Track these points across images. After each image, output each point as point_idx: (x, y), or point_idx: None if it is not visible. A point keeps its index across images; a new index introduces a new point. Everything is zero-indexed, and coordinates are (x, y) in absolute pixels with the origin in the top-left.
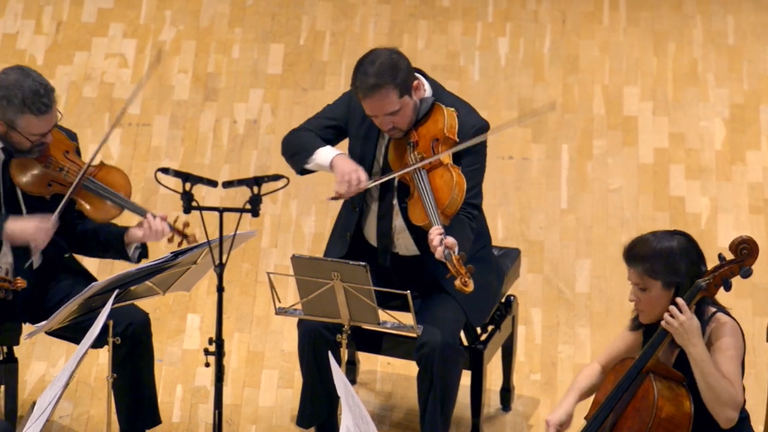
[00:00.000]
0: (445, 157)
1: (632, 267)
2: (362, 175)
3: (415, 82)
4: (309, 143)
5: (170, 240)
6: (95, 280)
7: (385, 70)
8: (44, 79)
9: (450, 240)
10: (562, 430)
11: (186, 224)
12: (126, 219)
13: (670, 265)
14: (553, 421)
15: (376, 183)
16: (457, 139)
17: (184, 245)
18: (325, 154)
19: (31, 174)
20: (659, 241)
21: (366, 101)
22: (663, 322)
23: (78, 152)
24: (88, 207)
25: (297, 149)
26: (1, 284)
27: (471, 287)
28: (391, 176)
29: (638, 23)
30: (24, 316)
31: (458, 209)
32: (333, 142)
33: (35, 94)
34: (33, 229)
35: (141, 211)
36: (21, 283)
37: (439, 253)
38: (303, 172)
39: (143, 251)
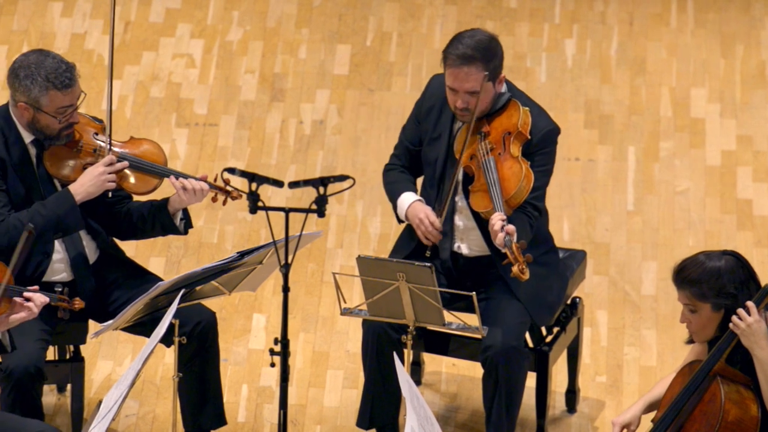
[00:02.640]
0: (515, 149)
1: (681, 290)
2: (432, 217)
3: (501, 75)
4: (395, 192)
5: (214, 199)
6: (153, 275)
7: (481, 48)
8: (64, 58)
9: (510, 227)
10: (633, 428)
11: (227, 181)
12: (166, 193)
13: (717, 287)
14: (619, 422)
15: (445, 208)
16: (529, 136)
17: (228, 202)
18: (400, 209)
19: (67, 161)
20: (708, 261)
21: (452, 70)
22: (731, 324)
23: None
24: (128, 182)
25: (391, 200)
26: (60, 304)
27: (527, 275)
28: (450, 193)
29: (706, 25)
30: (89, 311)
31: (522, 201)
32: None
33: (57, 71)
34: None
35: (178, 176)
36: (79, 303)
37: (499, 238)
38: (402, 221)
39: (188, 221)
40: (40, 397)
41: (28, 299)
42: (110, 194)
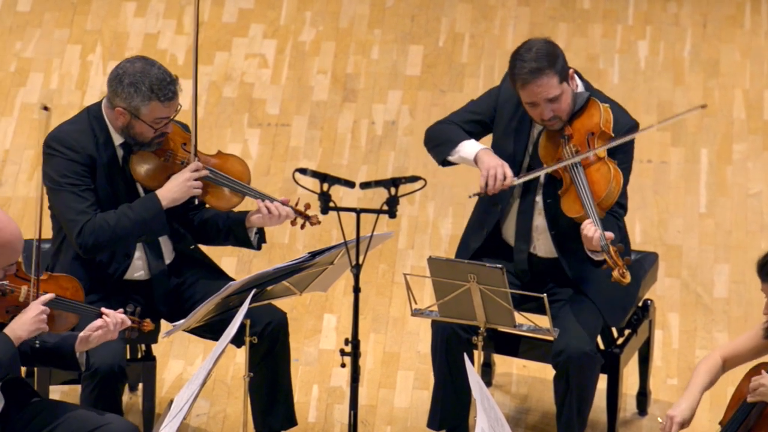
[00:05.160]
0: (601, 151)
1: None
2: (508, 171)
3: (570, 71)
4: (454, 135)
5: (293, 223)
6: (227, 275)
7: (543, 56)
8: (168, 70)
9: (608, 233)
10: (684, 427)
11: (307, 206)
12: (246, 205)
13: None
14: (678, 419)
15: (524, 180)
16: (613, 134)
17: (307, 226)
18: (470, 147)
19: (152, 168)
20: None
21: (526, 88)
22: (748, 396)
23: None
24: (210, 196)
25: (441, 140)
26: (131, 324)
27: (629, 278)
28: (542, 171)
29: None
30: (162, 307)
31: (614, 202)
32: (476, 137)
33: (162, 82)
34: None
35: (262, 197)
36: (148, 325)
37: (596, 241)
38: (445, 163)
39: (261, 237)
40: (121, 396)
41: (105, 315)
42: (197, 201)
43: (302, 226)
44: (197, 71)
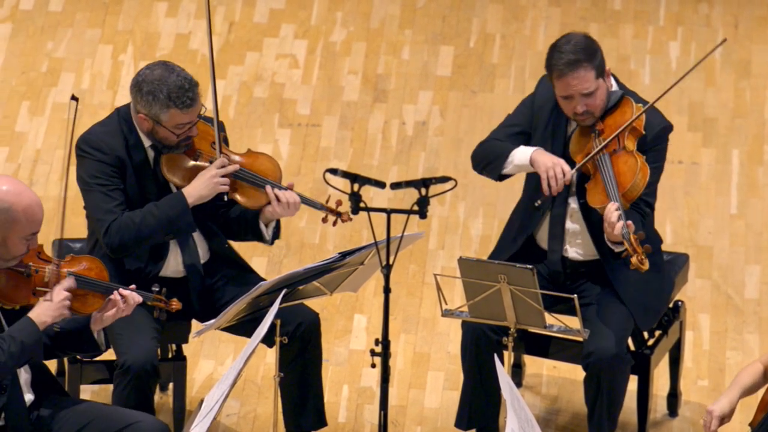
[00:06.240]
0: (630, 144)
1: None
2: (565, 166)
3: (607, 68)
4: (500, 148)
5: (325, 220)
6: (258, 275)
7: (581, 49)
8: (188, 74)
9: (629, 222)
10: (724, 423)
11: (338, 202)
12: None
13: None
14: (717, 413)
15: (577, 168)
16: (644, 132)
17: (339, 223)
18: (522, 153)
19: (182, 168)
20: None
21: (563, 80)
22: None
23: (226, 141)
24: (240, 195)
25: (490, 158)
26: (156, 304)
27: (647, 266)
28: (588, 159)
29: None
30: (196, 307)
31: (639, 194)
32: None
33: (180, 89)
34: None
35: (276, 186)
36: (176, 305)
37: (618, 228)
38: (501, 178)
39: (276, 233)
40: (153, 394)
41: (123, 296)
42: (225, 198)
43: (334, 223)
44: (214, 72)
